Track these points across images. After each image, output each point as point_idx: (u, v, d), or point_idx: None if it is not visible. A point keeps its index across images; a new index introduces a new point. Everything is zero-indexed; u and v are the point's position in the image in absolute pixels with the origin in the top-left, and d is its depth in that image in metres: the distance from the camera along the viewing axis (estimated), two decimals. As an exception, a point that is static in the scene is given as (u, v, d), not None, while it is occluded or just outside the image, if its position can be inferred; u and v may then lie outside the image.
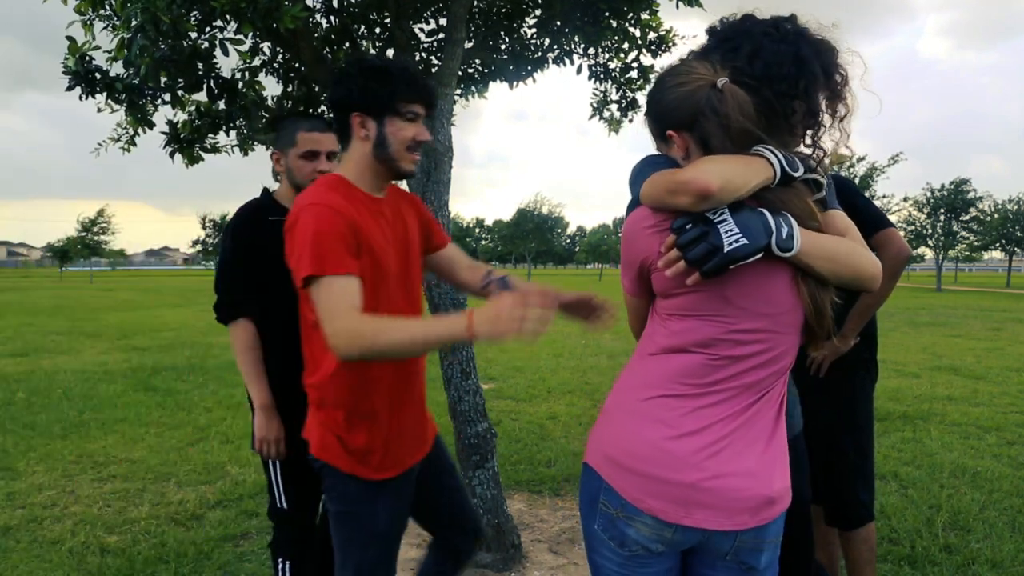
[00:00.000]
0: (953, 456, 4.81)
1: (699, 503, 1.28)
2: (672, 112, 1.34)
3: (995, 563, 3.14)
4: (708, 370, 1.31)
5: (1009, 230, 40.28)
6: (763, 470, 1.31)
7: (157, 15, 2.28)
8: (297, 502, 2.30)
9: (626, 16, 3.48)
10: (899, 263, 2.30)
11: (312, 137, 2.25)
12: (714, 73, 1.30)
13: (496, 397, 6.86)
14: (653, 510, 1.29)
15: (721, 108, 1.26)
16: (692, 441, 1.29)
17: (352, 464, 1.76)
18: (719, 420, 1.30)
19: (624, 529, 1.33)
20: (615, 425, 1.38)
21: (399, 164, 1.75)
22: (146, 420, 5.87)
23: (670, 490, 1.28)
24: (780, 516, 1.35)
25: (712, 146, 1.29)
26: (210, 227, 56.84)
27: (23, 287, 35.69)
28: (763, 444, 1.32)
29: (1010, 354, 10.13)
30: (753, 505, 1.29)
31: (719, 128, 1.27)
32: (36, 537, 3.44)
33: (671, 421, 1.31)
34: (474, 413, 3.11)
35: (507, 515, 3.20)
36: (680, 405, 1.31)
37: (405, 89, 1.71)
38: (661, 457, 1.29)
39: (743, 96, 1.27)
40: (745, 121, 1.26)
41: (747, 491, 1.29)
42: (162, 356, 9.69)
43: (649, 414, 1.33)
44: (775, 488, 1.32)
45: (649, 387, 1.35)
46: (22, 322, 14.90)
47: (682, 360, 1.33)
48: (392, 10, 3.15)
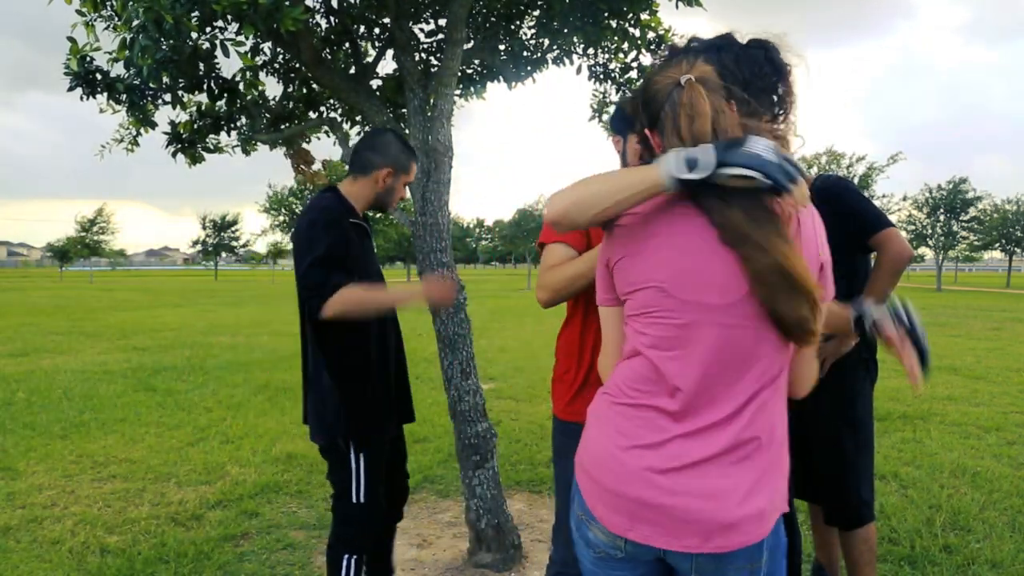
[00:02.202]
0: (953, 456, 4.81)
1: (644, 519, 1.23)
2: (644, 110, 1.33)
3: (995, 563, 3.14)
4: (659, 376, 1.26)
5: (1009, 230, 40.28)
6: (727, 493, 1.20)
7: (160, 14, 2.28)
8: (376, 498, 2.33)
9: (626, 16, 3.48)
10: (900, 263, 2.29)
11: (414, 170, 2.46)
12: (684, 70, 1.28)
13: (496, 397, 6.86)
14: (601, 518, 1.29)
15: (677, 99, 1.25)
16: (645, 454, 1.24)
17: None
18: (680, 434, 1.23)
19: (586, 531, 1.34)
20: (587, 428, 1.38)
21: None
22: (146, 420, 5.87)
23: (617, 502, 1.26)
24: (753, 545, 1.23)
25: (665, 142, 1.27)
26: (210, 227, 56.83)
27: (23, 287, 35.69)
28: (734, 464, 1.22)
29: (1010, 354, 10.14)
30: (704, 529, 1.20)
31: (671, 122, 1.26)
32: (36, 537, 3.44)
33: (627, 431, 1.27)
34: (474, 413, 3.11)
35: (507, 515, 3.20)
36: (637, 415, 1.27)
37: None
38: (613, 467, 1.27)
39: (700, 92, 1.24)
40: (695, 115, 1.23)
41: (699, 514, 1.20)
42: (162, 356, 9.69)
43: (611, 421, 1.31)
44: (737, 515, 1.20)
45: (617, 392, 1.33)
46: (22, 322, 14.90)
47: (635, 365, 1.30)
48: (392, 10, 3.15)
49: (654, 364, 1.27)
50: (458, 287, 3.08)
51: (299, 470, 4.50)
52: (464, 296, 3.13)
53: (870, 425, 2.49)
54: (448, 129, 3.14)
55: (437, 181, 3.10)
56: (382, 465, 2.37)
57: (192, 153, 3.62)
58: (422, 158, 3.11)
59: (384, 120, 3.23)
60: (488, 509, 3.12)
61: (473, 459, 3.12)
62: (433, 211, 3.09)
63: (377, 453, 2.34)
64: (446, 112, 3.12)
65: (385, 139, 2.40)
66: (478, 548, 3.17)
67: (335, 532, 2.37)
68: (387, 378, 2.39)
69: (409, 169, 2.41)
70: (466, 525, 3.24)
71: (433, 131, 3.10)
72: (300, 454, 4.82)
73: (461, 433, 3.12)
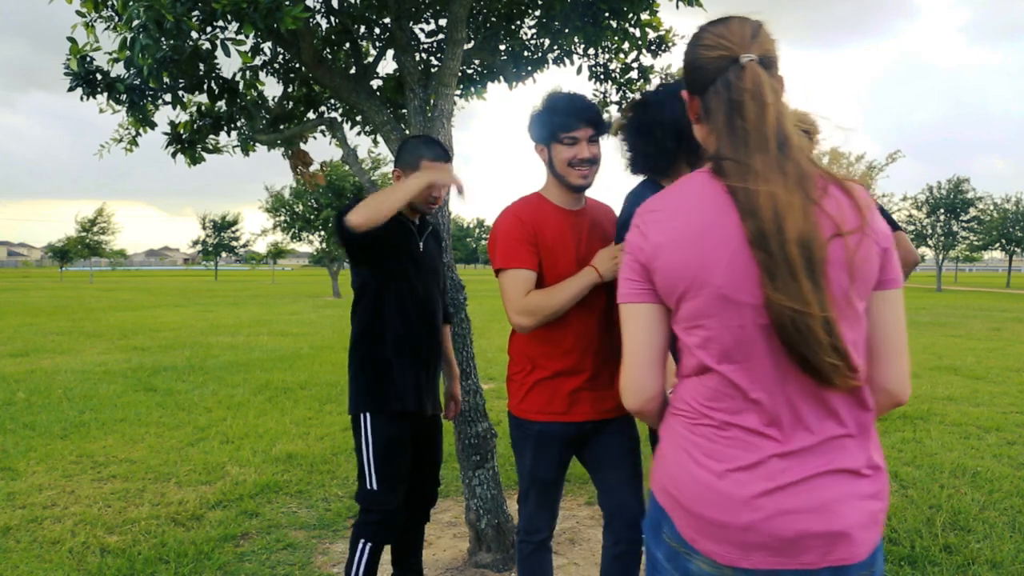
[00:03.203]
0: (953, 456, 4.81)
1: (756, 545, 1.14)
2: (689, 72, 1.24)
3: (995, 563, 3.14)
4: (741, 392, 1.16)
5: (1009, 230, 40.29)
6: (837, 503, 1.14)
7: (160, 14, 2.29)
8: (387, 485, 2.40)
9: (626, 16, 3.48)
10: (907, 268, 2.27)
11: (435, 166, 2.40)
12: (744, 44, 1.17)
13: (496, 397, 6.86)
14: (708, 552, 1.18)
15: (735, 84, 1.15)
16: (744, 478, 1.15)
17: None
18: (776, 453, 1.15)
19: (686, 564, 1.23)
20: (667, 456, 1.26)
21: (567, 179, 2.15)
22: (146, 420, 5.87)
23: (723, 532, 1.16)
24: (873, 553, 1.18)
25: (711, 120, 1.19)
26: (210, 227, 56.82)
27: (23, 287, 35.70)
28: (835, 473, 1.15)
29: (1010, 354, 10.14)
30: (822, 544, 1.13)
31: (724, 104, 1.16)
32: (36, 537, 3.44)
33: (717, 454, 1.18)
34: (474, 413, 3.11)
35: (507, 515, 3.20)
36: (722, 435, 1.18)
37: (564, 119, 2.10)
38: (712, 497, 1.16)
39: (764, 78, 1.15)
40: (753, 105, 1.14)
41: (814, 529, 1.13)
42: (162, 356, 9.69)
43: (696, 445, 1.20)
44: (851, 523, 1.14)
45: (694, 413, 1.22)
46: (22, 322, 14.90)
47: (708, 382, 1.20)
48: (392, 10, 3.15)
49: (728, 379, 1.17)
50: (458, 287, 3.10)
51: (299, 470, 4.50)
52: (464, 296, 3.14)
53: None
54: (448, 129, 3.14)
55: (437, 181, 3.10)
56: (398, 453, 2.42)
57: (192, 153, 3.62)
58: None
59: (384, 120, 3.23)
60: (488, 509, 3.12)
61: (473, 459, 3.12)
62: (433, 211, 3.09)
63: (388, 435, 2.40)
64: (446, 112, 3.12)
65: (402, 146, 2.53)
66: (478, 548, 3.17)
67: (358, 516, 2.49)
68: (412, 358, 2.44)
69: (418, 165, 2.41)
70: (466, 525, 3.24)
71: (433, 131, 3.10)
72: (300, 454, 4.82)
73: (461, 433, 3.12)
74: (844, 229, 1.12)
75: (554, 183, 2.20)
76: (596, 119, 2.15)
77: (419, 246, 2.53)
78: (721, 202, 1.16)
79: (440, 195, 2.47)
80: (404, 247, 2.47)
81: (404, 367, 2.43)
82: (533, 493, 2.28)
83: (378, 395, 2.41)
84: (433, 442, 2.66)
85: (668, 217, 1.21)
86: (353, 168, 3.39)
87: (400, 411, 2.42)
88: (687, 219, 1.18)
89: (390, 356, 2.42)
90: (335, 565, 3.18)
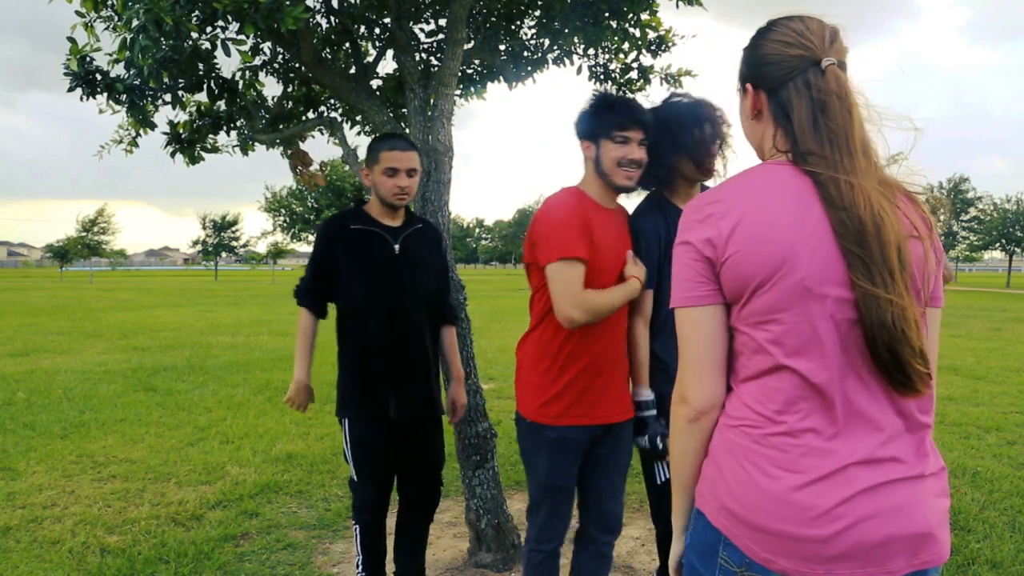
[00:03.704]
0: (953, 456, 4.81)
1: (841, 556, 1.08)
2: (758, 66, 1.21)
3: (995, 563, 3.14)
4: (814, 391, 1.11)
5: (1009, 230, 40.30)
6: (916, 504, 1.11)
7: (160, 15, 2.29)
8: (365, 479, 2.57)
9: (626, 16, 3.48)
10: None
11: (392, 156, 2.46)
12: (825, 47, 1.16)
13: (496, 397, 6.86)
14: (787, 571, 1.10)
15: (817, 84, 1.15)
16: (823, 487, 1.09)
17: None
18: (854, 461, 1.10)
19: None
20: (726, 472, 1.17)
21: (612, 178, 2.15)
22: (146, 420, 5.87)
23: (804, 548, 1.09)
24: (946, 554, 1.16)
25: (794, 121, 1.16)
26: (210, 227, 56.84)
27: (23, 287, 35.69)
28: (905, 469, 1.12)
29: (1010, 354, 10.14)
30: (908, 547, 1.10)
31: (808, 101, 1.15)
32: (36, 537, 3.44)
33: (792, 465, 1.11)
34: (474, 413, 3.12)
35: (507, 515, 3.20)
36: (795, 444, 1.12)
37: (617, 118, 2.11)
38: (789, 512, 1.09)
39: (848, 83, 1.14)
40: (839, 107, 1.13)
41: (898, 533, 1.09)
42: (162, 356, 9.69)
43: (765, 457, 1.13)
44: (932, 523, 1.12)
45: (758, 421, 1.15)
46: (22, 322, 14.90)
47: (776, 383, 1.14)
48: (392, 10, 3.15)
49: (801, 377, 1.11)
50: (458, 287, 3.10)
51: (299, 470, 4.50)
52: (464, 296, 3.14)
53: None
54: (448, 129, 3.14)
55: (437, 181, 3.10)
56: (371, 454, 2.55)
57: (191, 153, 3.62)
58: (422, 158, 3.11)
59: (384, 120, 3.23)
60: (488, 509, 3.12)
61: (473, 459, 3.12)
62: (433, 211, 3.09)
63: (361, 434, 2.53)
64: (446, 112, 3.12)
65: (368, 148, 2.61)
66: (478, 548, 3.17)
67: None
68: (384, 361, 2.51)
69: (379, 159, 2.48)
70: (466, 525, 3.24)
71: (433, 131, 3.10)
72: (300, 454, 4.83)
73: (461, 433, 3.12)
74: (920, 233, 1.12)
75: (596, 181, 2.18)
76: (648, 123, 2.15)
77: (394, 248, 2.53)
78: (799, 192, 1.13)
79: (405, 185, 2.47)
80: (366, 259, 2.51)
81: (374, 371, 2.51)
82: (547, 502, 2.25)
83: (351, 399, 2.54)
84: (423, 443, 2.64)
85: (737, 207, 1.16)
86: (353, 168, 3.39)
87: (372, 414, 2.52)
88: (763, 208, 1.14)
89: (360, 360, 2.53)
90: (335, 565, 3.18)
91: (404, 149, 2.48)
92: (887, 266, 1.06)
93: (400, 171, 2.46)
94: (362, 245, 2.51)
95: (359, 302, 2.51)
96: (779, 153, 1.20)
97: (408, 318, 2.54)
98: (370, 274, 2.50)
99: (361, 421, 2.53)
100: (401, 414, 2.54)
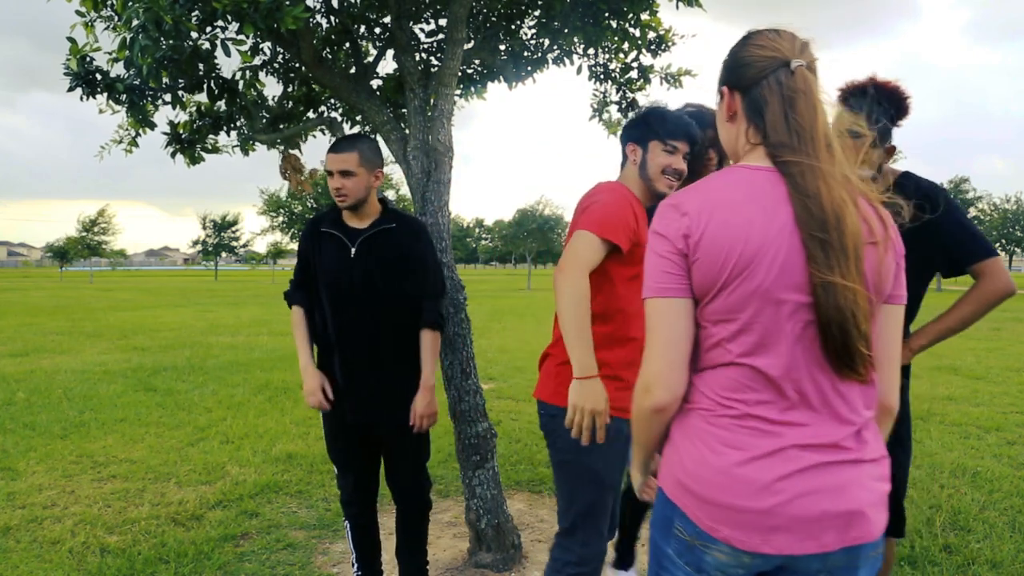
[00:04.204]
0: (953, 456, 4.81)
1: (777, 528, 1.18)
2: (735, 68, 1.29)
3: (995, 563, 3.14)
4: (767, 381, 1.21)
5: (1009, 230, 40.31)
6: (852, 485, 1.20)
7: (159, 14, 2.28)
8: (340, 471, 2.70)
9: (626, 16, 3.48)
10: (999, 297, 2.15)
11: (329, 157, 2.51)
12: (795, 52, 1.25)
13: (496, 397, 6.86)
14: (728, 539, 1.21)
15: (787, 83, 1.23)
16: (765, 463, 1.19)
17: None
18: (793, 440, 1.20)
19: (701, 556, 1.25)
20: (681, 451, 1.28)
21: (654, 184, 2.19)
22: (146, 420, 5.87)
23: (745, 518, 1.19)
24: (883, 534, 1.24)
25: (766, 115, 1.24)
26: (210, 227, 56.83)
27: (23, 287, 35.69)
28: (844, 454, 1.21)
29: (1010, 354, 10.14)
30: (840, 524, 1.19)
31: (779, 98, 1.23)
32: (36, 537, 3.44)
33: (738, 443, 1.21)
34: (474, 413, 3.11)
35: (507, 515, 3.20)
36: (742, 425, 1.22)
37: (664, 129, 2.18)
38: (732, 484, 1.20)
39: (814, 82, 1.23)
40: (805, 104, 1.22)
41: (831, 509, 1.18)
42: (162, 356, 9.69)
43: (715, 436, 1.23)
44: (866, 502, 1.20)
45: (712, 405, 1.25)
46: (22, 322, 14.90)
47: (731, 373, 1.23)
48: (392, 10, 3.15)
49: (754, 370, 1.21)
50: (458, 287, 3.10)
51: (299, 470, 4.50)
52: (464, 296, 3.13)
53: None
54: (448, 129, 3.14)
55: (437, 181, 3.10)
56: (335, 448, 2.67)
57: (191, 153, 3.62)
58: (422, 158, 3.11)
59: (384, 120, 3.23)
60: (488, 509, 3.12)
61: (473, 459, 3.12)
62: (433, 211, 3.09)
63: (331, 428, 2.66)
64: (446, 112, 3.12)
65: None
66: (478, 548, 3.17)
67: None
68: (340, 364, 2.55)
69: (327, 161, 2.53)
70: (466, 525, 3.24)
71: (433, 131, 3.10)
72: (300, 454, 4.82)
73: (461, 433, 3.12)
74: (876, 238, 1.20)
75: (638, 184, 2.22)
76: (696, 140, 2.24)
77: (350, 251, 2.51)
78: (770, 196, 1.21)
79: (338, 186, 2.47)
80: (325, 261, 2.54)
81: (331, 375, 2.57)
82: (597, 509, 2.11)
83: (329, 391, 2.59)
84: (397, 443, 2.62)
85: (707, 210, 1.22)
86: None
87: (336, 413, 2.58)
88: (732, 213, 1.21)
89: (320, 363, 2.62)
90: (335, 565, 3.18)
91: (338, 151, 2.48)
92: (844, 252, 1.14)
93: (334, 173, 2.47)
94: (323, 247, 2.56)
95: (319, 305, 2.58)
96: (751, 148, 1.28)
97: (365, 323, 2.51)
98: (325, 277, 2.54)
99: (331, 417, 2.62)
100: (357, 419, 2.55)
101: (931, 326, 2.26)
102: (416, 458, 2.67)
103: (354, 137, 2.59)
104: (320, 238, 2.57)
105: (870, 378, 1.22)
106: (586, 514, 2.12)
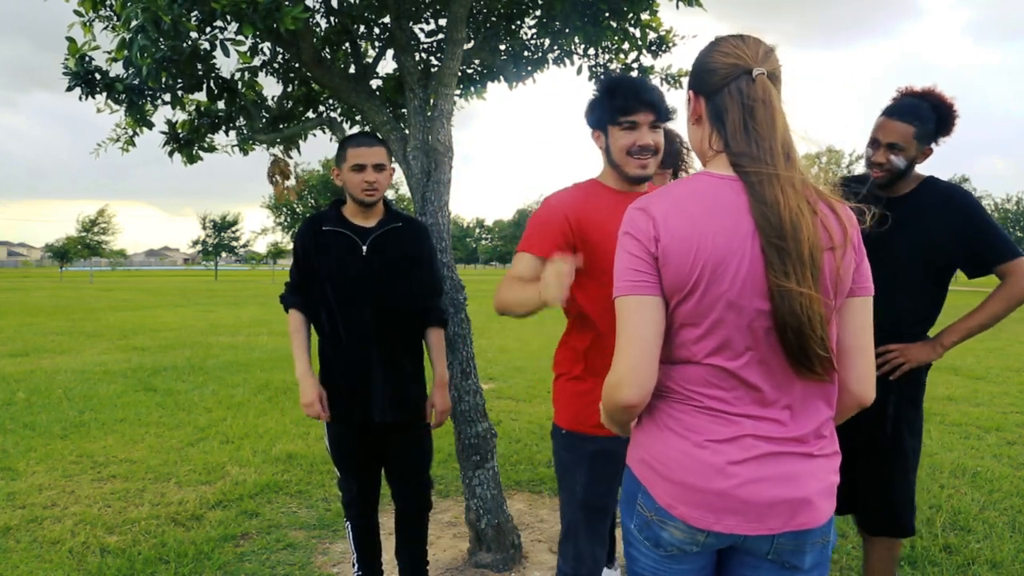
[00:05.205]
0: (953, 456, 4.81)
1: (728, 509, 1.26)
2: (700, 74, 1.33)
3: (995, 563, 3.14)
4: (729, 377, 1.28)
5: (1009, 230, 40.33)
6: (802, 476, 1.27)
7: (158, 15, 2.28)
8: (344, 475, 2.67)
9: (626, 16, 3.48)
10: (1019, 299, 2.23)
11: (359, 152, 2.46)
12: (757, 59, 1.28)
13: (496, 397, 6.86)
14: (684, 516, 1.29)
15: (747, 91, 1.27)
16: (720, 447, 1.27)
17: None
18: (751, 430, 1.27)
19: (658, 532, 1.33)
20: (647, 432, 1.36)
21: (623, 169, 2.00)
22: (146, 420, 5.87)
23: (699, 497, 1.27)
24: (829, 521, 1.32)
25: (727, 123, 1.28)
26: (210, 227, 56.85)
27: (23, 287, 35.68)
28: (805, 454, 1.29)
29: (1010, 354, 10.14)
30: (787, 510, 1.27)
31: (739, 106, 1.27)
32: (36, 537, 3.44)
33: (698, 428, 1.29)
34: (474, 413, 3.11)
35: (507, 515, 3.20)
36: (704, 413, 1.29)
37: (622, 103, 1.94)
38: (690, 464, 1.28)
39: (773, 91, 1.27)
40: (764, 112, 1.25)
41: (780, 497, 1.26)
42: (162, 356, 9.69)
43: (678, 421, 1.31)
44: (813, 491, 1.28)
45: (678, 395, 1.32)
46: (22, 322, 14.90)
47: (697, 369, 1.30)
48: (392, 10, 3.15)
49: (718, 368, 1.27)
50: (458, 287, 3.10)
51: (299, 470, 4.50)
52: (464, 296, 3.13)
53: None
54: (448, 129, 3.14)
55: (437, 181, 3.10)
56: (343, 452, 2.63)
57: (188, 152, 3.62)
58: (422, 158, 3.11)
59: (384, 120, 3.23)
60: (488, 509, 3.12)
61: (473, 459, 3.12)
62: (433, 211, 3.09)
63: (336, 432, 2.61)
64: (446, 112, 3.12)
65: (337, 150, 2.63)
66: (478, 548, 3.17)
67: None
68: (344, 364, 2.54)
69: (346, 156, 2.48)
70: (466, 525, 3.24)
71: (433, 131, 3.10)
72: (300, 454, 4.82)
73: (461, 433, 3.12)
74: (834, 243, 1.24)
75: (611, 172, 2.05)
76: (658, 103, 1.95)
77: (362, 250, 2.50)
78: (735, 202, 1.25)
79: (373, 179, 2.46)
80: (334, 261, 2.50)
81: (336, 375, 2.56)
82: (584, 526, 2.06)
83: (326, 399, 2.56)
84: (400, 443, 2.62)
85: (680, 214, 1.27)
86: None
87: (341, 415, 2.56)
88: (702, 218, 1.25)
89: (325, 363, 2.60)
90: (335, 565, 3.17)
91: (370, 145, 2.48)
92: (801, 259, 1.20)
93: (367, 166, 2.45)
94: (331, 247, 2.51)
95: (326, 304, 2.53)
96: (715, 154, 1.32)
97: (375, 322, 2.51)
98: (336, 276, 2.50)
99: (333, 422, 2.58)
100: (363, 420, 2.54)
101: (961, 324, 2.34)
102: (420, 459, 2.68)
103: (373, 134, 2.62)
104: (323, 237, 2.53)
105: (831, 377, 1.28)
106: (566, 531, 2.12)
